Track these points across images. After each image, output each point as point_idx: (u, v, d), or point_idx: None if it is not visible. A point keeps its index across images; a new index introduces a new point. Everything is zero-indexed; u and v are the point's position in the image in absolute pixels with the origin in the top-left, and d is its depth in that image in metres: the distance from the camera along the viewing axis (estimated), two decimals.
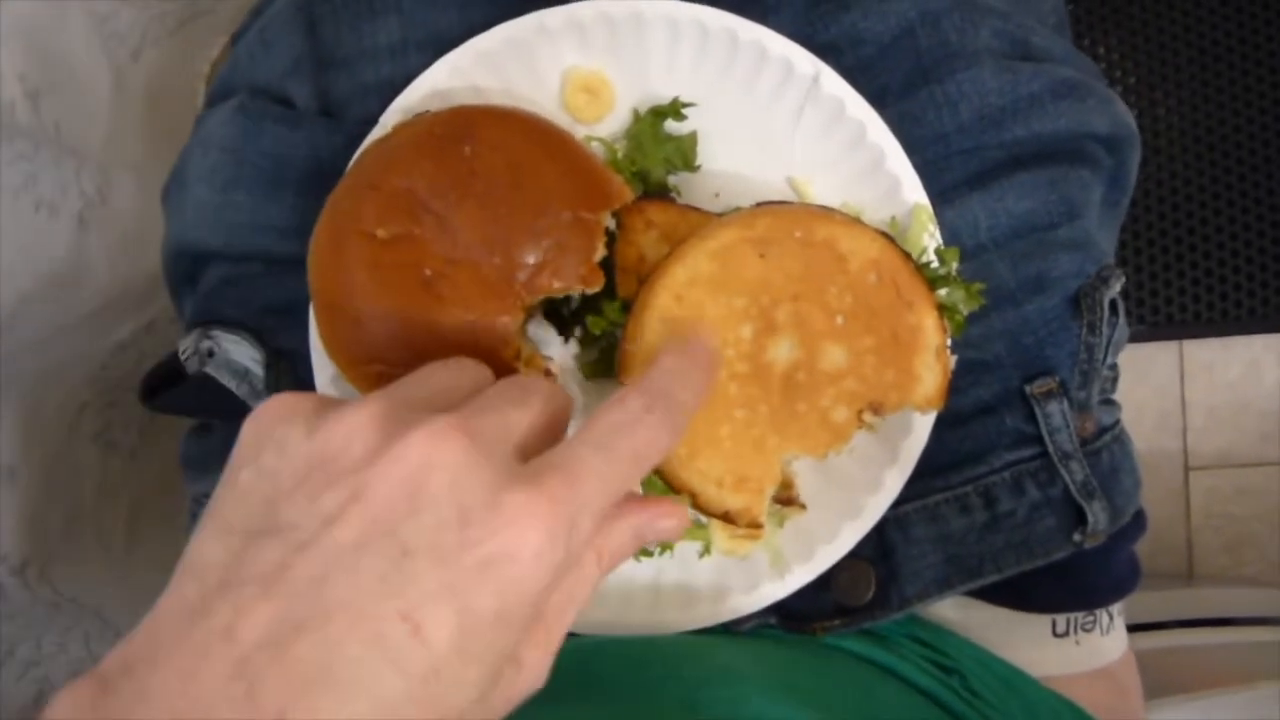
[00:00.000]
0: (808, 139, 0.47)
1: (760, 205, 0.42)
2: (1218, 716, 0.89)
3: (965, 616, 0.53)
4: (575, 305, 0.45)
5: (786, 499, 0.44)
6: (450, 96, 0.46)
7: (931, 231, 0.46)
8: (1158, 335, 1.28)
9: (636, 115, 0.47)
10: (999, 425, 0.49)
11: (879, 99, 0.46)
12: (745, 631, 0.49)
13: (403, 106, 0.46)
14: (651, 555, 0.46)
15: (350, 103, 0.49)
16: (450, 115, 0.43)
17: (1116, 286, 0.49)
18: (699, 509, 0.41)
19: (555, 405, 0.33)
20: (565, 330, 0.45)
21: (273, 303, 0.50)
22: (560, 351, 0.46)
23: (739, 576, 0.47)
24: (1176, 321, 1.27)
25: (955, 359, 0.43)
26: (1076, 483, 0.48)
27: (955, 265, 0.44)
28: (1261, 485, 1.30)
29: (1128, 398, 0.52)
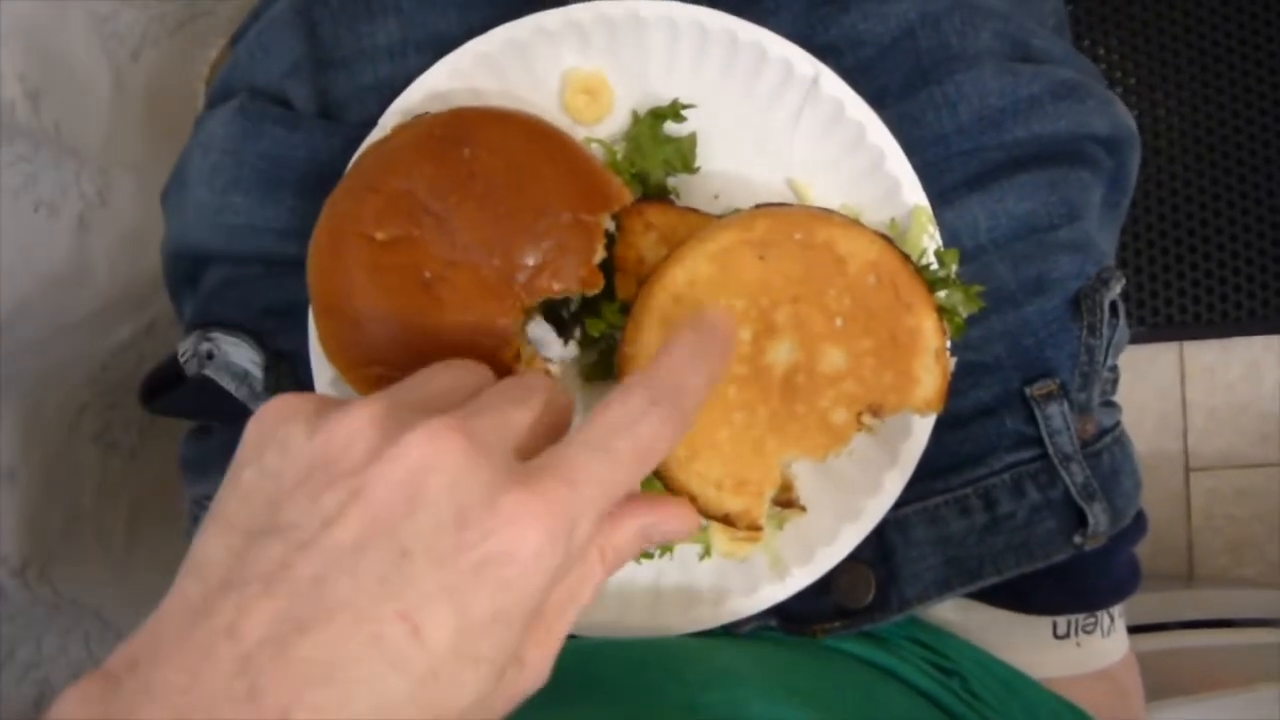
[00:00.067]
0: (807, 140, 0.47)
1: (759, 207, 0.42)
2: (1218, 718, 0.89)
3: (965, 618, 0.53)
4: (575, 307, 0.45)
5: (786, 501, 0.44)
6: (449, 98, 0.46)
7: (931, 233, 0.46)
8: (1158, 336, 1.28)
9: (636, 117, 0.47)
10: (999, 427, 0.49)
11: (878, 100, 0.46)
12: (745, 634, 0.49)
13: (402, 108, 0.46)
14: (651, 557, 0.46)
15: (349, 104, 0.49)
16: (449, 117, 0.43)
17: (1117, 288, 0.49)
18: (698, 511, 0.41)
19: (556, 404, 0.33)
20: (565, 332, 0.45)
21: (272, 305, 0.50)
22: (560, 353, 0.45)
23: (739, 579, 0.47)
24: (1177, 323, 1.27)
25: (955, 361, 0.43)
26: (1077, 485, 0.48)
27: (955, 267, 0.44)
28: (1262, 486, 1.30)
29: (1128, 399, 0.52)
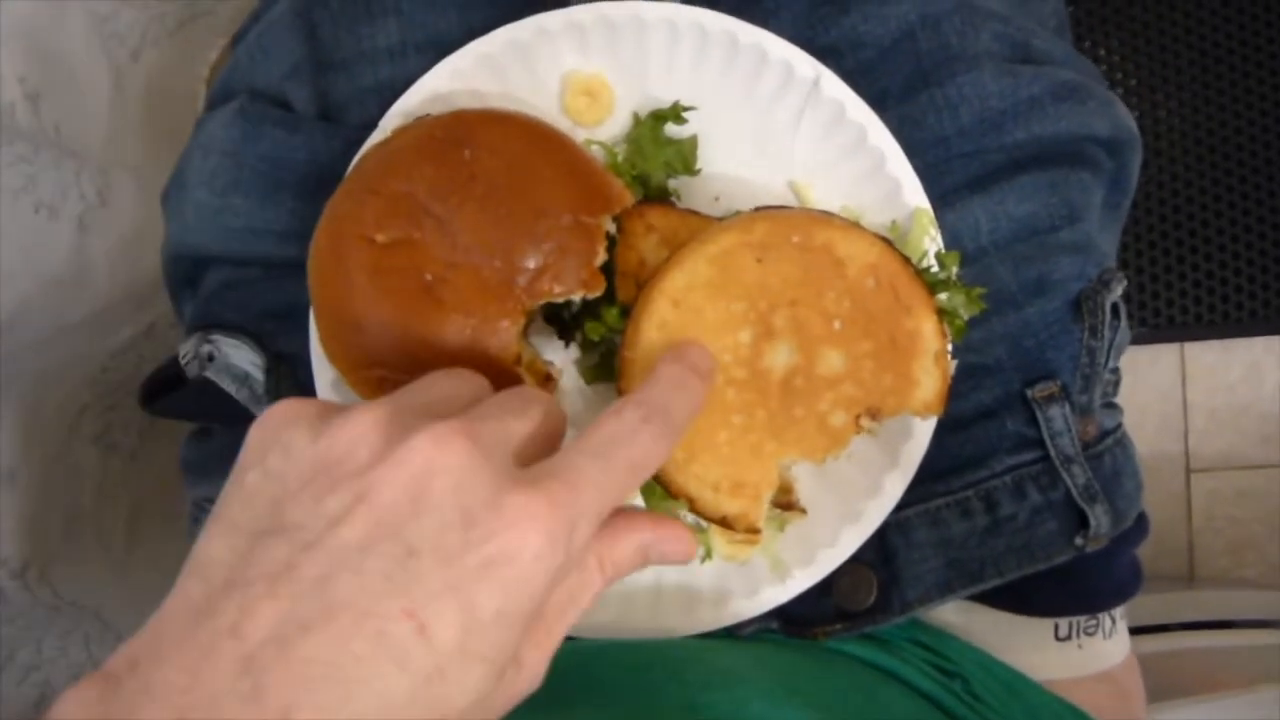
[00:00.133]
0: (808, 142, 0.47)
1: (759, 210, 0.42)
2: (1219, 718, 0.89)
3: (967, 620, 0.52)
4: (575, 309, 0.45)
5: (786, 503, 0.44)
6: (450, 100, 0.45)
7: (932, 235, 0.46)
8: (1159, 337, 1.28)
9: (636, 119, 0.47)
10: (1000, 429, 0.48)
11: (879, 102, 0.46)
12: (747, 635, 0.49)
13: (402, 110, 0.46)
14: None
15: (349, 106, 0.49)
16: (450, 119, 0.43)
17: (1118, 290, 0.49)
18: (697, 514, 0.41)
19: (553, 417, 0.34)
20: (565, 334, 0.45)
21: (273, 307, 0.50)
22: (560, 356, 0.45)
23: (740, 581, 0.47)
24: (1178, 324, 1.27)
25: (956, 363, 0.43)
26: (1078, 486, 0.48)
27: (956, 269, 0.44)
28: (1263, 488, 1.30)
29: (1128, 400, 0.52)
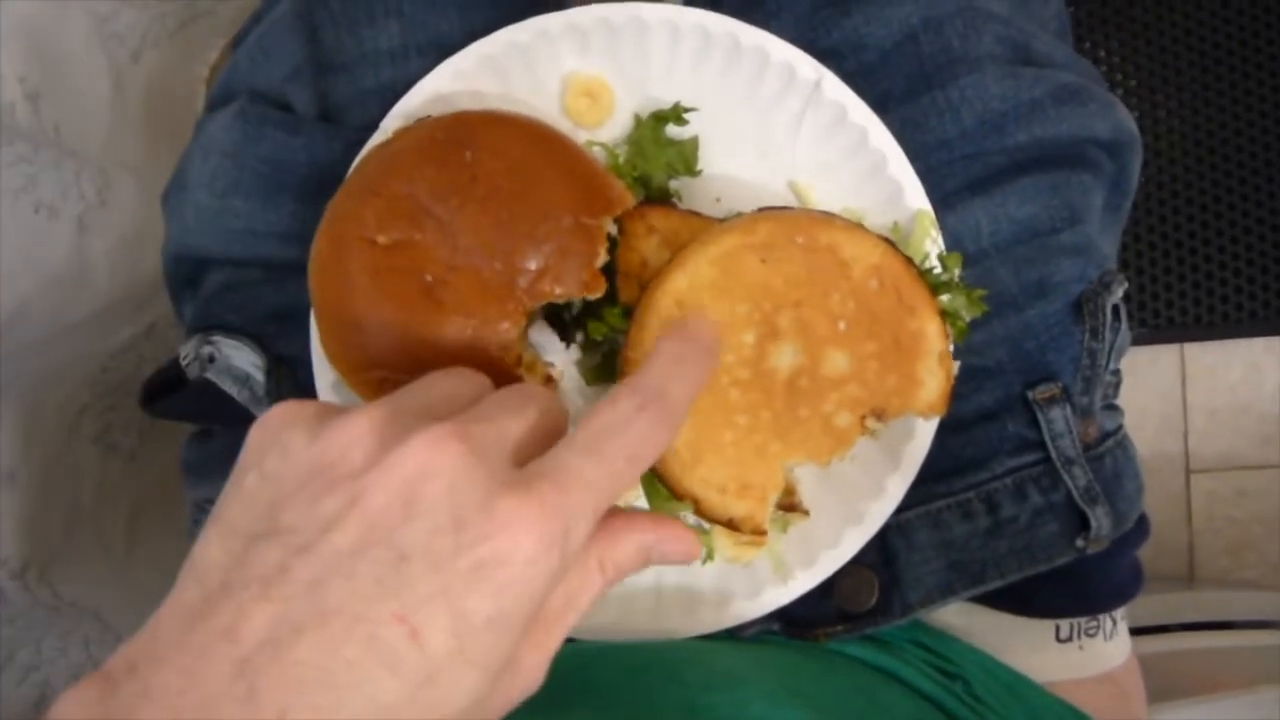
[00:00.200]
0: (809, 144, 0.47)
1: (762, 211, 0.42)
2: (1219, 719, 0.89)
3: (968, 622, 0.52)
4: (577, 311, 0.45)
5: (789, 505, 0.44)
6: (451, 101, 0.45)
7: (934, 237, 0.46)
8: (1159, 338, 1.28)
9: (638, 120, 0.47)
10: (1001, 431, 0.48)
11: (881, 104, 0.46)
12: (748, 637, 0.49)
13: (403, 111, 0.46)
14: None
15: (350, 107, 0.49)
16: (451, 120, 0.43)
17: (1119, 292, 0.49)
18: (702, 516, 0.41)
19: (552, 414, 0.33)
20: (567, 335, 0.45)
21: (273, 308, 0.50)
22: (562, 357, 0.45)
23: (742, 582, 0.46)
24: (1178, 324, 1.27)
25: (958, 365, 0.43)
26: (1079, 488, 0.48)
27: (957, 271, 0.44)
28: (1263, 488, 1.30)
29: (1128, 400, 0.52)
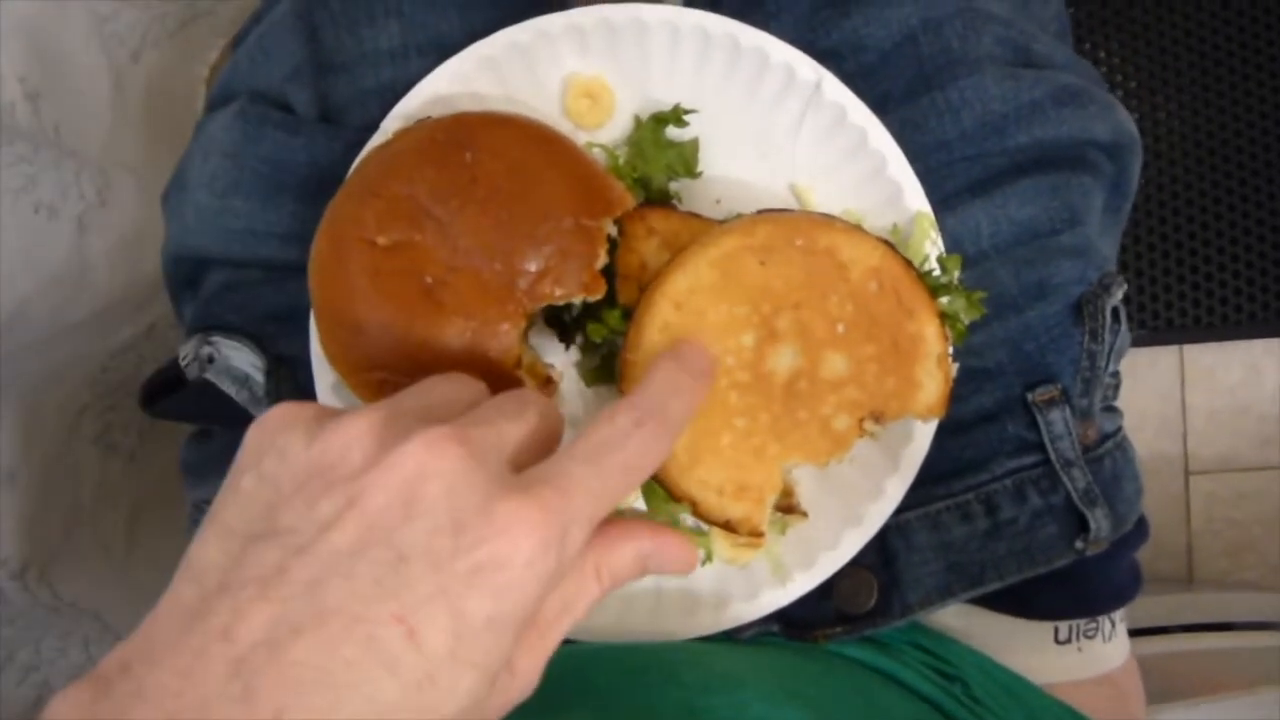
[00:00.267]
0: (809, 145, 0.47)
1: (761, 213, 0.42)
2: None
3: (967, 624, 0.52)
4: (576, 312, 0.45)
5: (788, 506, 0.44)
6: (451, 102, 0.45)
7: (933, 239, 0.46)
8: (1158, 339, 1.28)
9: (638, 121, 0.47)
10: (1001, 433, 0.48)
11: (881, 106, 0.46)
12: (746, 639, 0.49)
13: (403, 112, 0.46)
14: None
15: (350, 108, 0.49)
16: (451, 121, 0.43)
17: (1119, 294, 0.49)
18: (700, 517, 0.41)
19: (549, 420, 0.34)
20: (566, 337, 0.45)
21: (273, 309, 0.50)
22: (561, 358, 0.45)
23: (740, 584, 0.46)
24: (1177, 326, 1.27)
25: (957, 366, 0.43)
26: (1078, 490, 0.48)
27: (957, 273, 0.44)
28: (1262, 489, 1.30)
29: (1127, 402, 0.52)
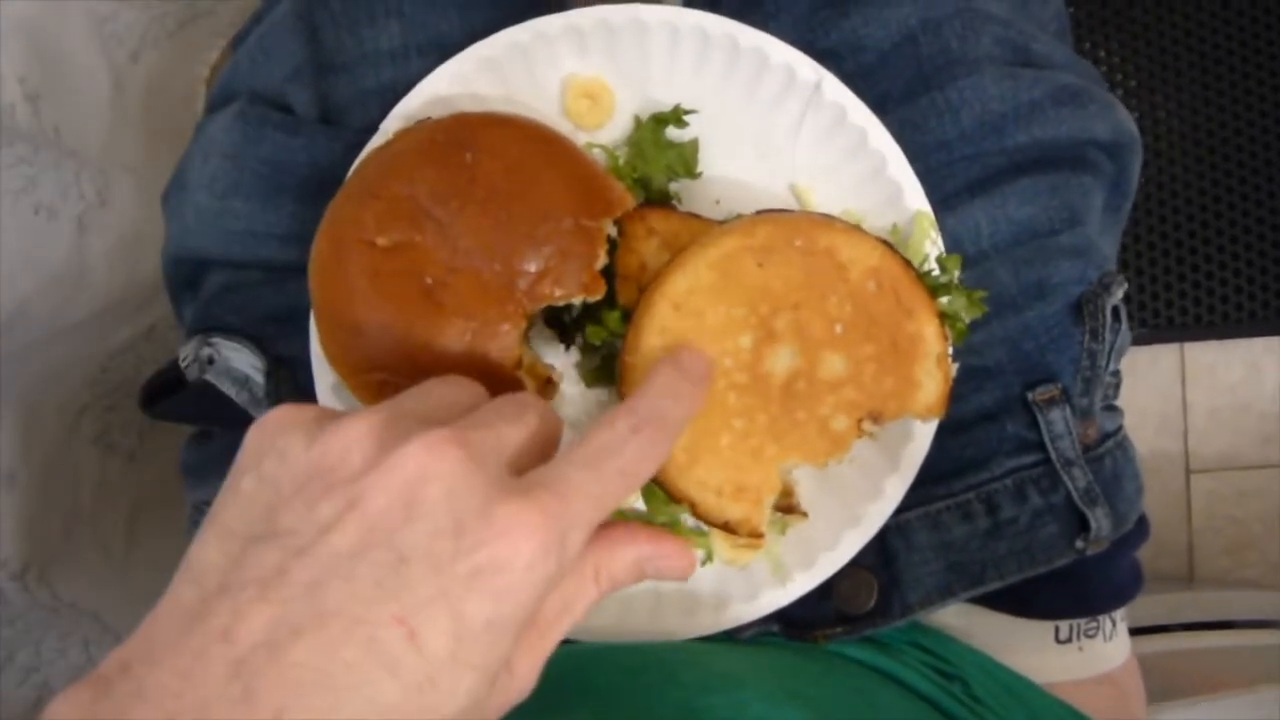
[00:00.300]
0: (809, 146, 0.47)
1: (760, 213, 0.42)
2: (1219, 719, 0.89)
3: (968, 623, 0.52)
4: (576, 313, 0.45)
5: (787, 507, 0.44)
6: (451, 103, 0.45)
7: (933, 238, 0.46)
8: (1159, 338, 1.28)
9: (638, 122, 0.47)
10: (1001, 432, 0.48)
11: (880, 106, 0.46)
12: (746, 639, 0.49)
13: (403, 113, 0.46)
14: None
15: (350, 108, 0.49)
16: (451, 122, 0.43)
17: (1119, 293, 0.49)
18: (699, 518, 0.41)
19: (548, 424, 0.34)
20: (566, 338, 0.45)
21: (273, 310, 0.50)
22: (561, 359, 0.45)
23: (740, 584, 0.46)
24: (1177, 324, 1.27)
25: (957, 366, 0.43)
26: (1079, 489, 0.48)
27: (957, 273, 0.44)
28: (1263, 488, 1.30)
29: (1128, 400, 0.52)
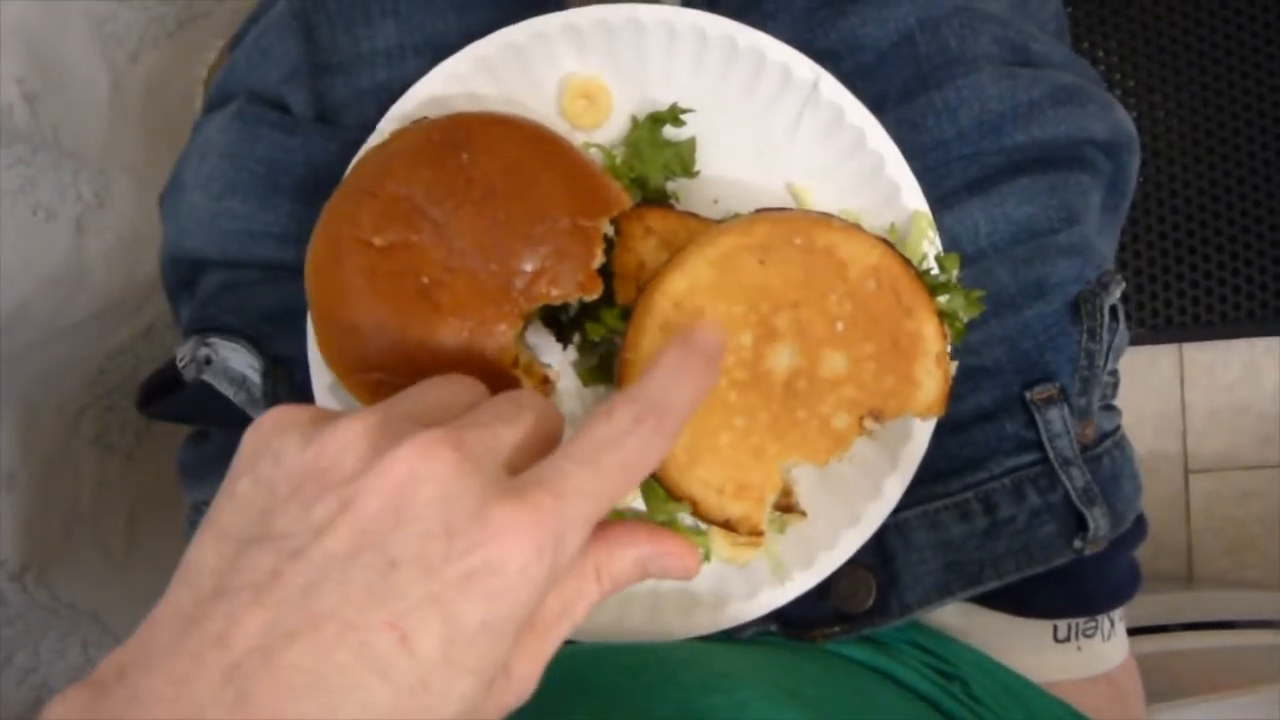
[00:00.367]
0: (807, 145, 0.47)
1: (759, 212, 0.42)
2: (1218, 719, 0.88)
3: (966, 623, 0.52)
4: (574, 312, 0.45)
5: (786, 506, 0.44)
6: (448, 103, 0.45)
7: (931, 238, 0.46)
8: (1157, 338, 1.28)
9: (635, 121, 0.47)
10: (999, 431, 0.48)
11: (878, 105, 0.46)
12: (745, 638, 0.49)
13: (400, 113, 0.46)
14: None
15: (347, 108, 0.49)
16: (448, 122, 0.43)
17: (1117, 292, 0.49)
18: (699, 517, 0.41)
19: (547, 421, 0.33)
20: (564, 337, 0.45)
21: (270, 310, 0.49)
22: (559, 359, 0.45)
23: (739, 583, 0.46)
24: (1176, 324, 1.27)
25: (955, 365, 0.43)
26: (1077, 489, 0.48)
27: (955, 272, 0.44)
28: (1262, 488, 1.30)
29: (1126, 400, 0.52)
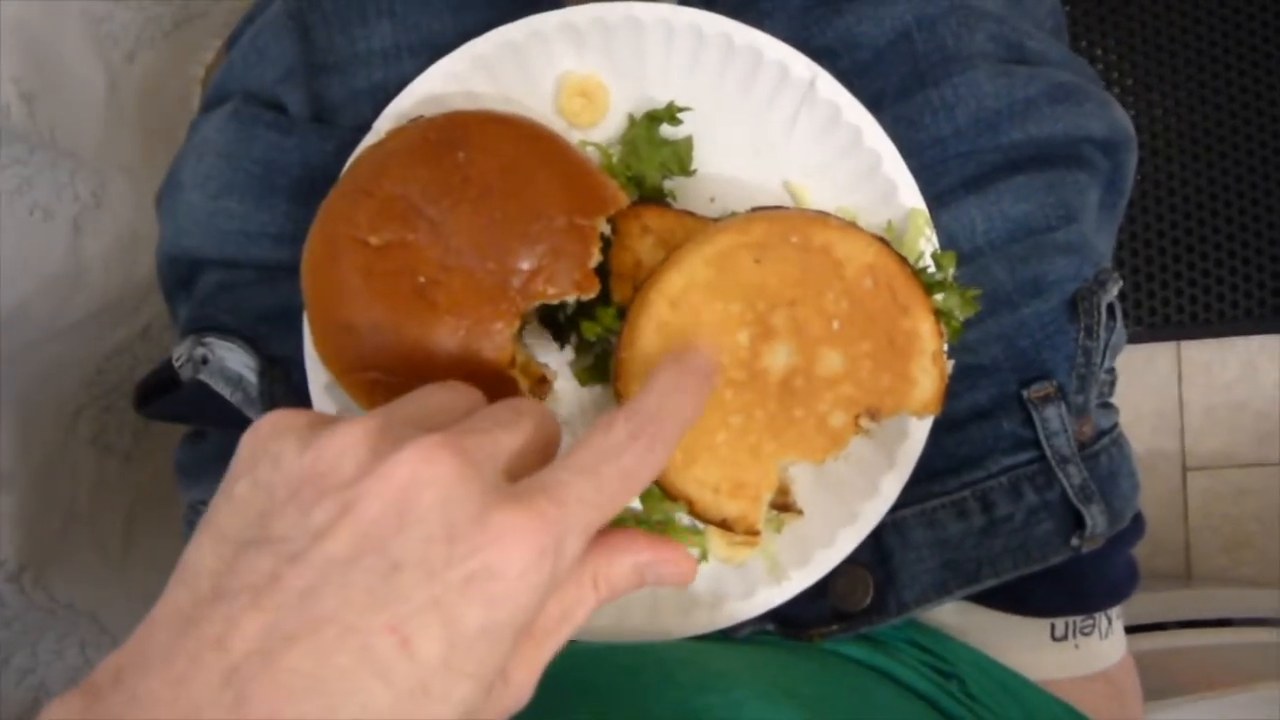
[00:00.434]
0: (804, 143, 0.47)
1: (756, 210, 0.42)
2: (1216, 718, 0.89)
3: (964, 621, 0.52)
4: (570, 311, 0.45)
5: (783, 505, 0.44)
6: (444, 102, 0.45)
7: (928, 236, 0.46)
8: (1155, 336, 1.28)
9: (632, 120, 0.47)
10: (996, 430, 0.48)
11: (875, 103, 0.46)
12: (742, 637, 0.49)
13: (396, 112, 0.46)
14: None
15: (343, 108, 0.49)
16: (444, 121, 0.43)
17: (1114, 290, 0.49)
18: (696, 516, 0.41)
19: (545, 430, 0.33)
20: (560, 336, 0.45)
21: (266, 309, 0.49)
22: (555, 358, 0.45)
23: (736, 582, 0.46)
24: (1174, 322, 1.27)
25: (952, 363, 0.43)
26: (1074, 487, 0.48)
27: (952, 270, 0.44)
28: (1260, 485, 1.30)
29: (1124, 398, 0.52)
